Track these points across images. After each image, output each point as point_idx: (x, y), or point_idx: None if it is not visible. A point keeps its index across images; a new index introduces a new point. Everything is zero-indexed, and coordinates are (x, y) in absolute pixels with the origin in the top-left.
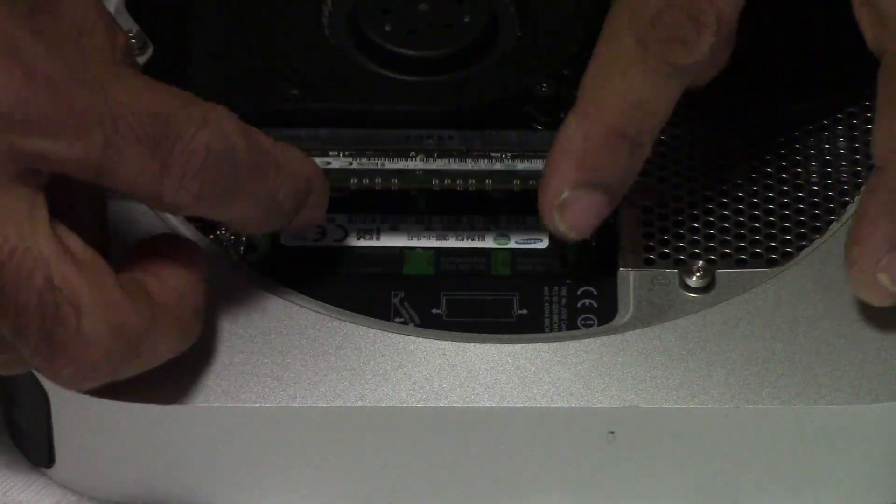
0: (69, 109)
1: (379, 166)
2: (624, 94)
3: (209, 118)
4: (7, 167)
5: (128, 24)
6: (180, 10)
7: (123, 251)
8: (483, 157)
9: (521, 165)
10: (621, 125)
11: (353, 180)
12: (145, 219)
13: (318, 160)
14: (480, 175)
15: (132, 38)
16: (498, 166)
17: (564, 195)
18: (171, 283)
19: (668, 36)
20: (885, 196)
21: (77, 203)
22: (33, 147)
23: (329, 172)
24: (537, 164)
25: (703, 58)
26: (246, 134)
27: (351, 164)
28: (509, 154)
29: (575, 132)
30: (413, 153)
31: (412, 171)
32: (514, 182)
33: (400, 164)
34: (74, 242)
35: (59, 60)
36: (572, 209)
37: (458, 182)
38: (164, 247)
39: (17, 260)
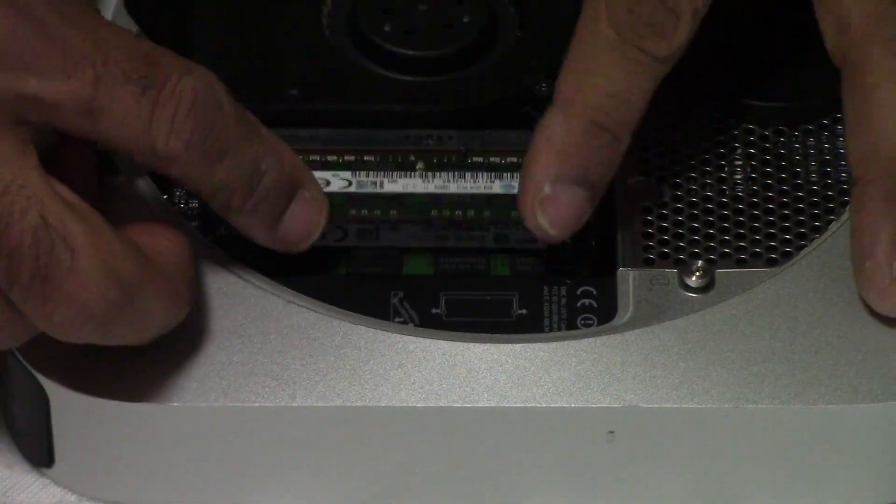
0: (59, 48)
1: (378, 186)
2: (602, 86)
3: (194, 68)
4: None
5: (128, 24)
6: (180, 10)
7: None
8: (483, 168)
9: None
10: (600, 117)
11: (353, 211)
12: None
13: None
14: (479, 200)
15: None
16: (497, 187)
17: (546, 190)
18: (162, 252)
19: (646, 26)
20: (878, 206)
21: (69, 166)
22: (23, 87)
23: (329, 199)
24: None
25: (679, 48)
26: (230, 94)
27: (349, 184)
28: (509, 173)
29: (554, 126)
30: (412, 158)
31: (411, 197)
32: (513, 213)
33: (399, 183)
34: (66, 191)
35: (49, 5)
36: (553, 204)
37: (456, 213)
38: (152, 221)
39: (11, 197)
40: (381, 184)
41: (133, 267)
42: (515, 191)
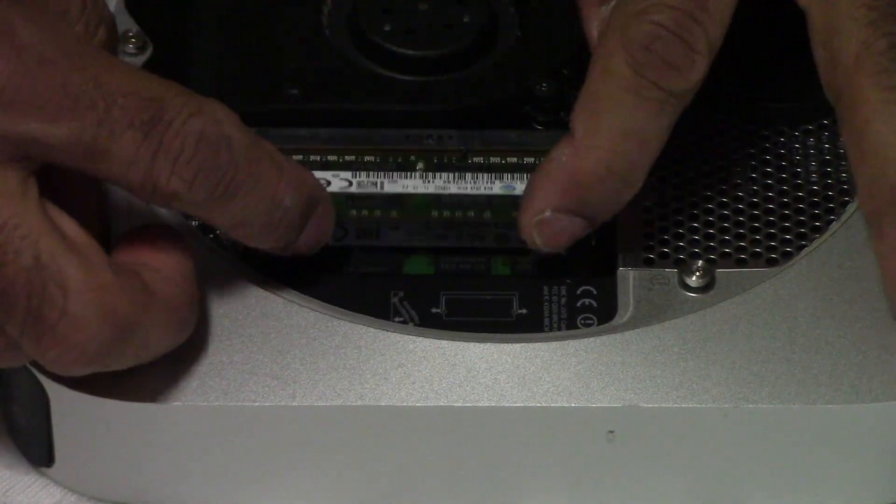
0: (62, 91)
1: (378, 186)
2: (617, 125)
3: (204, 107)
4: None
5: (127, 23)
6: (180, 10)
7: (114, 241)
8: (483, 168)
9: (520, 187)
10: (613, 160)
11: (354, 212)
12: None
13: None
14: (479, 201)
15: (132, 37)
16: (497, 188)
17: (546, 214)
18: (166, 272)
19: (663, 62)
20: None
21: (74, 193)
22: (25, 129)
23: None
24: None
25: (697, 83)
26: (244, 129)
27: (350, 185)
28: (510, 174)
29: (565, 160)
30: (412, 158)
31: (411, 197)
32: (513, 214)
33: (399, 184)
34: (67, 224)
35: (50, 43)
36: (551, 228)
37: (456, 213)
38: (155, 237)
39: (6, 236)
40: (382, 184)
41: (130, 304)
42: (515, 191)
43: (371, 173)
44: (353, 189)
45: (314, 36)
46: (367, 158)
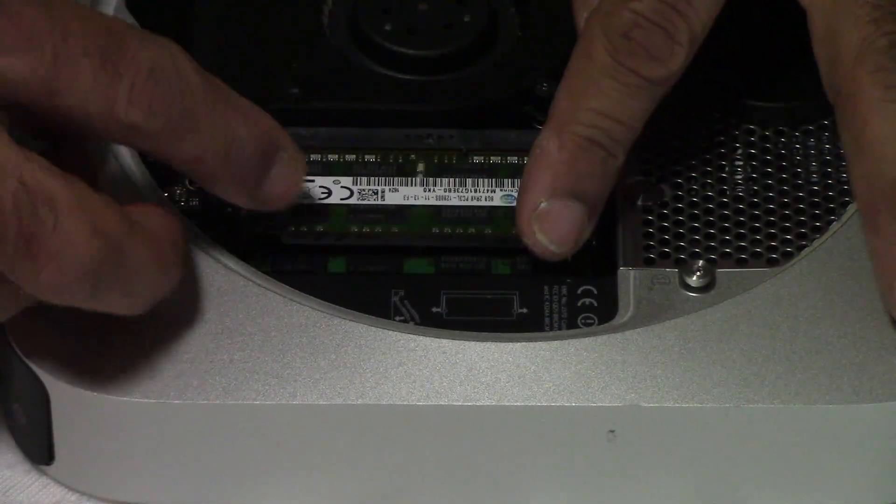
0: (17, 27)
1: (379, 196)
2: (596, 106)
3: (156, 40)
4: None
5: (129, 21)
6: (181, 8)
7: None
8: (484, 172)
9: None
10: (593, 134)
11: (354, 228)
12: None
13: (316, 187)
14: (480, 216)
15: None
16: (498, 198)
17: (541, 206)
18: (148, 214)
19: (642, 50)
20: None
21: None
22: None
23: (329, 212)
24: None
25: (675, 73)
26: (198, 67)
27: (350, 194)
28: (510, 180)
29: (547, 143)
30: (413, 157)
31: (411, 210)
32: (513, 231)
33: (401, 193)
34: (44, 161)
35: None
36: (550, 219)
37: (457, 229)
38: (140, 203)
39: None
40: (382, 193)
41: (118, 224)
42: (515, 203)
43: (372, 179)
44: (354, 199)
45: (314, 35)
46: (367, 158)
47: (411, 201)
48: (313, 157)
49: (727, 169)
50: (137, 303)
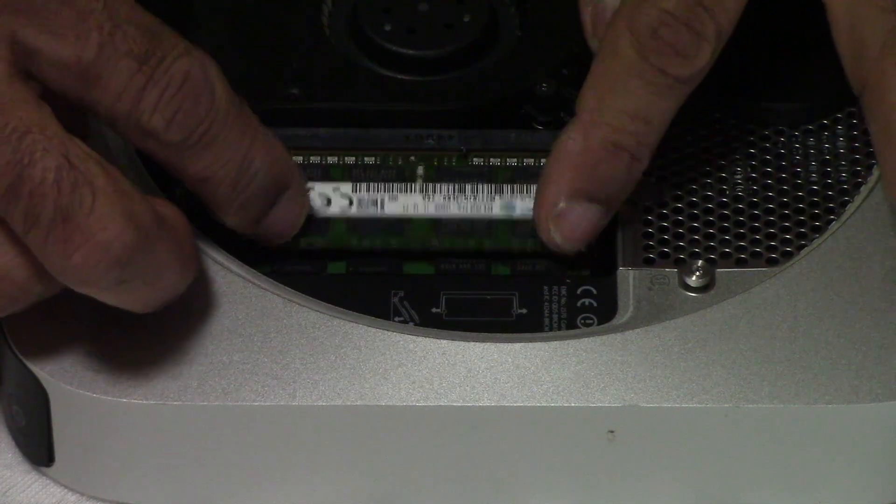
0: (75, 11)
1: (379, 205)
2: (623, 106)
3: (193, 51)
4: (7, 56)
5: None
6: (181, 8)
7: None
8: (483, 177)
9: (519, 205)
10: (620, 138)
11: (354, 241)
12: None
13: (316, 196)
14: (479, 227)
15: None
16: (497, 207)
17: (560, 206)
18: (167, 209)
19: (669, 48)
20: None
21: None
22: (33, 39)
23: (329, 225)
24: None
25: (702, 71)
26: (228, 87)
27: (350, 204)
28: (509, 186)
29: (573, 143)
30: (412, 159)
31: (411, 223)
32: (513, 241)
33: (400, 202)
34: (83, 143)
35: None
36: (567, 220)
37: (457, 242)
38: (155, 198)
39: (34, 136)
40: (382, 201)
41: (150, 215)
42: (515, 213)
43: (371, 186)
44: (353, 210)
45: (314, 36)
46: (367, 160)
47: (410, 211)
48: (313, 158)
49: (727, 169)
50: (156, 297)
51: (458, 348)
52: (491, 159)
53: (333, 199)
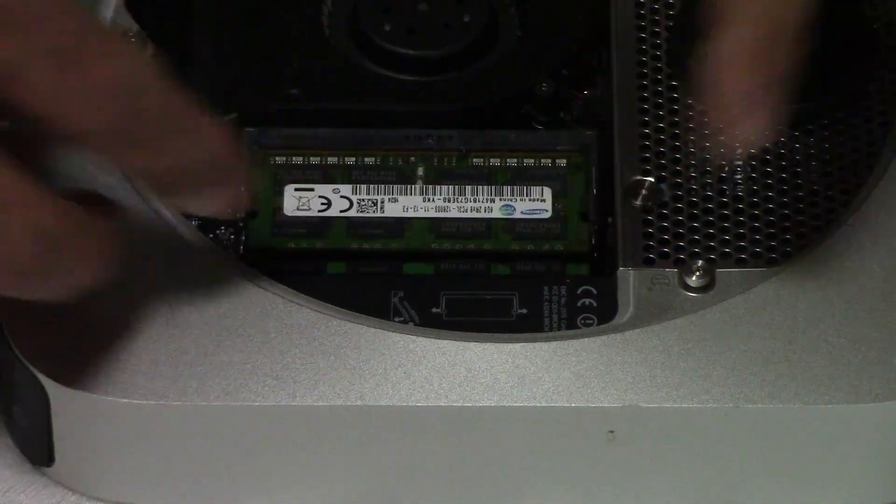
0: None
1: (378, 207)
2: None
3: (122, 51)
4: None
5: (128, 23)
6: (181, 9)
7: None
8: (483, 178)
9: (519, 206)
10: (768, 18)
11: (354, 245)
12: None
13: (316, 198)
14: (479, 230)
15: (132, 37)
16: (497, 209)
17: (738, 106)
18: (90, 204)
19: None
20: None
21: None
22: None
23: (329, 226)
24: (536, 204)
25: None
26: (160, 79)
27: (350, 206)
28: (509, 187)
29: (727, 40)
30: (413, 159)
31: (411, 225)
32: (512, 247)
33: (400, 203)
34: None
35: None
36: (749, 116)
37: (456, 245)
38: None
39: None
40: (382, 203)
41: (59, 221)
42: (515, 214)
43: (371, 188)
44: (353, 211)
45: (314, 36)
46: (366, 161)
47: (410, 213)
48: (313, 159)
49: (727, 169)
50: (65, 294)
51: (457, 348)
52: (491, 160)
53: (333, 200)
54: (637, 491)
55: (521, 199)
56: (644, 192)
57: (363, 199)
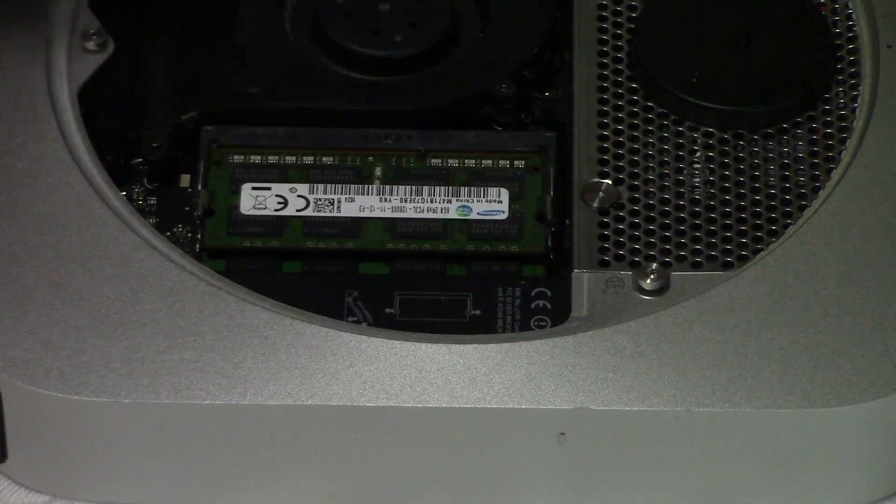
0: None
1: (335, 206)
2: None
3: None
4: None
5: (90, 21)
6: (142, 9)
7: None
8: (441, 179)
9: (476, 206)
10: None
11: (310, 244)
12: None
13: (272, 197)
14: (435, 229)
15: (94, 35)
16: (453, 209)
17: None
18: None
19: None
20: None
21: None
22: None
23: (284, 225)
24: (493, 205)
25: None
26: None
27: (307, 205)
28: (465, 188)
29: None
30: (371, 159)
31: (367, 224)
32: (468, 247)
33: (357, 203)
34: None
35: None
36: None
37: (412, 246)
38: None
39: None
40: (338, 203)
41: None
42: (472, 215)
43: (328, 187)
44: (310, 210)
45: (276, 34)
46: (325, 160)
47: (367, 213)
48: (271, 158)
49: (684, 171)
50: None
51: (409, 349)
52: (449, 160)
53: (290, 199)
54: (586, 494)
55: (478, 200)
56: (601, 194)
57: (320, 199)
